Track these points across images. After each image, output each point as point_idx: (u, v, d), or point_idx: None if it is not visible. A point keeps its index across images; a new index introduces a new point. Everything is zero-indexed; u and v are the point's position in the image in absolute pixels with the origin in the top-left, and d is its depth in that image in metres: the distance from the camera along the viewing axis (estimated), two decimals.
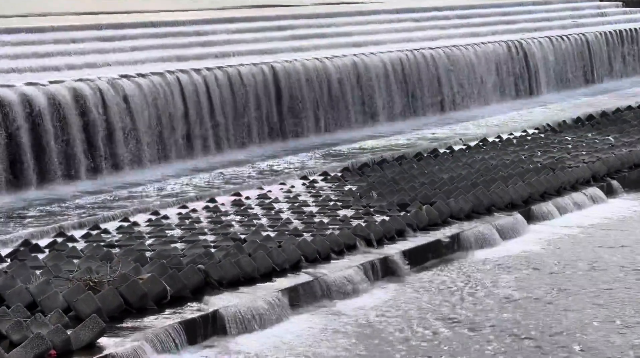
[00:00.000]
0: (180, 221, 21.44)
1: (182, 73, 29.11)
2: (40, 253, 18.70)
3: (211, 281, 17.03)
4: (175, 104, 28.48)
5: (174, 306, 16.01)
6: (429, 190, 23.43)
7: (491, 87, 40.25)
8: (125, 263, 17.23)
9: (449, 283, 18.59)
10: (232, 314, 15.93)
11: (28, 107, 24.91)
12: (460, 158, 28.08)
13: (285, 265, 18.06)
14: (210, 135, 29.37)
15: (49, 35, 30.64)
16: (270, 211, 22.16)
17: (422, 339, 15.63)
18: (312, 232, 19.95)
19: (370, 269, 18.56)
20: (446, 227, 21.23)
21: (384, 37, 39.34)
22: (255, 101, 30.82)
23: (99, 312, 14.98)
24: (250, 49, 33.96)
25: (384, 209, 22.12)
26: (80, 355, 13.92)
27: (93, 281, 16.04)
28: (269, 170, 27.57)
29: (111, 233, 20.40)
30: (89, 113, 26.17)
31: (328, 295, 17.52)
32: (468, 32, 42.90)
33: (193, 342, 15.32)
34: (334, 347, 15.41)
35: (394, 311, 16.99)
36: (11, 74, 27.11)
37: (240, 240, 19.32)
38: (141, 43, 32.26)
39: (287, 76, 31.90)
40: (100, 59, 29.85)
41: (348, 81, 33.95)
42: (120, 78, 27.51)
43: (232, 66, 30.65)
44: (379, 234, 20.02)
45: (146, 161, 27.37)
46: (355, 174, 26.44)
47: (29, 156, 24.67)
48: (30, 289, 15.91)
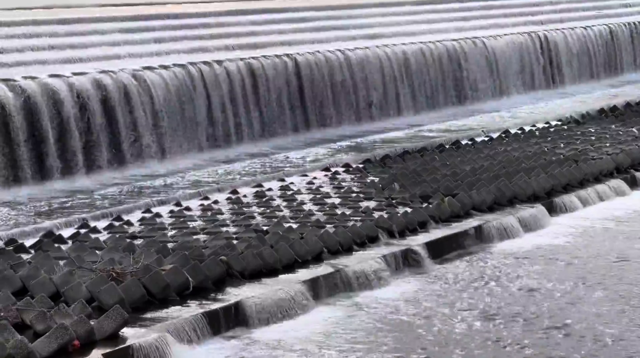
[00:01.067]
0: (203, 212, 21.50)
1: (205, 65, 29.16)
2: (63, 244, 18.80)
3: (233, 273, 17.07)
4: (197, 96, 28.52)
5: (196, 298, 16.06)
6: (451, 182, 23.39)
7: (514, 79, 40.12)
8: (148, 254, 17.29)
9: (471, 274, 18.56)
10: (254, 305, 15.95)
11: (51, 98, 25.00)
12: (482, 149, 28.02)
13: (307, 256, 18.08)
14: (232, 126, 29.41)
15: (73, 27, 30.73)
16: (293, 203, 22.18)
17: (444, 330, 15.62)
18: (334, 223, 19.96)
19: (393, 261, 18.55)
20: (468, 219, 21.19)
21: (406, 28, 39.25)
22: (277, 92, 30.84)
23: (122, 303, 15.05)
24: (273, 41, 33.97)
25: (406, 201, 22.09)
26: (103, 345, 13.98)
27: (116, 272, 16.11)
28: (291, 162, 27.59)
29: (134, 225, 20.47)
30: (111, 105, 26.25)
31: (350, 287, 17.53)
32: (491, 24, 42.75)
33: (215, 333, 15.36)
34: (356, 338, 15.41)
35: (416, 303, 16.97)
36: (35, 65, 27.21)
37: (262, 231, 19.35)
38: (163, 35, 32.32)
39: (309, 67, 31.89)
40: (123, 50, 29.93)
41: (369, 73, 33.90)
42: (142, 70, 27.58)
43: (254, 58, 30.68)
44: (401, 225, 20.01)
45: (168, 152, 27.44)
46: (377, 166, 26.43)
47: (53, 148, 24.77)
48: (53, 280, 16.00)
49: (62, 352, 13.59)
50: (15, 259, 17.37)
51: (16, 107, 24.23)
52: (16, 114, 24.19)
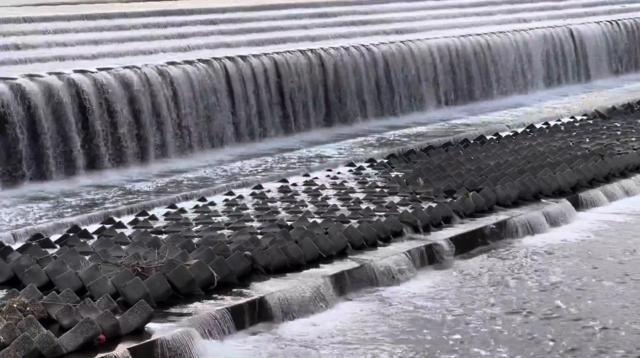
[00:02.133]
0: (227, 207, 21.53)
1: (229, 60, 29.20)
2: (89, 239, 18.88)
3: (258, 268, 17.09)
4: (221, 91, 28.57)
5: (221, 293, 16.09)
6: (476, 177, 23.33)
7: (539, 73, 39.96)
8: (173, 249, 17.33)
9: (496, 270, 18.51)
10: (279, 300, 15.97)
11: (76, 94, 25.11)
12: (507, 144, 27.93)
13: (331, 251, 18.08)
14: (256, 122, 29.44)
15: (98, 23, 30.83)
16: (317, 198, 22.18)
17: (468, 325, 15.59)
18: (358, 219, 19.95)
19: (417, 255, 18.52)
20: (493, 214, 21.13)
21: (431, 23, 39.18)
22: (301, 87, 30.84)
23: (147, 298, 15.10)
24: (297, 36, 33.98)
25: (430, 196, 22.06)
26: (128, 340, 14.03)
27: (141, 267, 16.16)
28: (316, 157, 27.59)
29: (158, 220, 20.53)
30: (136, 100, 26.33)
31: (374, 282, 17.52)
32: (516, 18, 42.60)
33: (240, 327, 15.38)
34: (380, 333, 15.41)
35: (440, 298, 16.94)
36: (60, 61, 27.32)
37: (286, 226, 19.36)
38: (188, 30, 32.39)
39: (333, 62, 31.87)
40: (148, 46, 30.01)
41: (394, 68, 33.86)
42: (167, 65, 27.64)
43: (279, 53, 30.68)
44: (426, 220, 19.98)
45: (193, 147, 27.50)
46: (402, 161, 26.40)
47: (78, 143, 24.87)
48: (79, 274, 16.07)
49: (88, 346, 13.65)
50: (41, 254, 17.47)
51: (42, 103, 24.33)
52: (42, 109, 24.29)
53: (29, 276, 16.30)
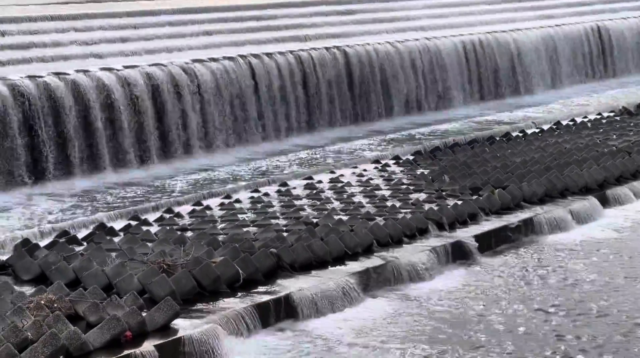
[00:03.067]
0: (253, 205, 21.56)
1: (254, 57, 29.22)
2: (115, 236, 18.95)
3: (283, 265, 17.10)
4: (246, 89, 28.60)
5: (247, 290, 16.11)
6: (502, 174, 23.26)
7: (566, 70, 39.78)
8: (198, 246, 17.37)
9: (522, 267, 18.44)
10: (304, 297, 15.98)
11: (103, 91, 25.20)
12: (533, 141, 27.83)
13: (357, 248, 18.07)
14: (281, 119, 29.46)
15: (124, 21, 30.94)
16: (343, 195, 22.17)
17: (494, 322, 15.54)
18: (384, 216, 19.93)
19: (442, 253, 18.49)
20: (519, 211, 21.06)
21: (456, 20, 39.08)
22: (326, 84, 30.84)
23: (173, 295, 15.14)
24: (322, 33, 33.97)
25: (456, 193, 22.01)
26: (154, 336, 14.08)
27: (167, 264, 16.20)
28: (341, 154, 27.59)
29: (184, 217, 20.58)
30: (162, 98, 26.40)
31: (400, 279, 17.50)
32: (542, 15, 42.42)
33: (265, 325, 15.40)
34: (406, 330, 15.39)
35: (465, 295, 16.90)
36: (86, 58, 27.43)
37: (312, 223, 19.37)
38: (213, 27, 32.44)
39: (358, 59, 31.86)
40: (173, 43, 30.08)
41: (420, 65, 33.80)
42: (192, 62, 27.70)
43: (304, 50, 30.68)
44: (451, 218, 19.94)
45: (218, 145, 27.55)
46: (427, 158, 26.35)
47: (104, 141, 24.96)
48: (106, 271, 16.14)
49: (115, 342, 13.71)
50: (68, 251, 17.55)
51: (69, 100, 24.43)
52: (67, 107, 24.39)
53: (56, 273, 16.39)
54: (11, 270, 17.17)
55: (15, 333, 13.23)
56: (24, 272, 16.92)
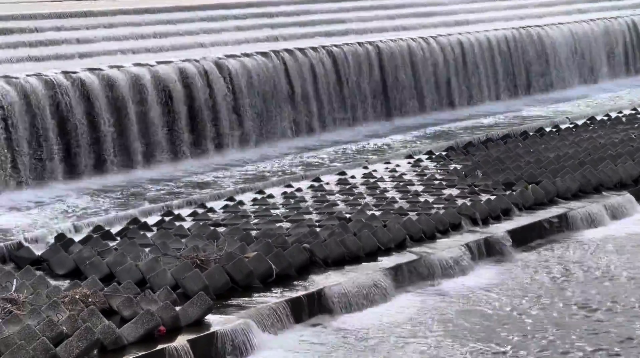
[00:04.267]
0: (285, 200, 21.57)
1: (287, 53, 29.23)
2: (148, 231, 19.02)
3: (316, 260, 17.11)
4: (280, 84, 28.62)
5: (280, 285, 16.12)
6: (535, 169, 23.16)
7: (600, 65, 39.51)
8: (231, 241, 17.41)
9: (555, 262, 18.35)
10: (337, 293, 15.97)
11: (135, 87, 25.28)
12: (567, 136, 27.68)
13: (390, 244, 18.05)
14: (314, 114, 29.45)
15: (156, 16, 31.02)
16: (375, 190, 22.15)
17: (527, 318, 15.47)
18: (417, 211, 19.89)
19: (476, 248, 18.43)
20: (553, 206, 20.96)
21: (489, 15, 38.90)
22: (359, 80, 30.80)
23: (206, 290, 15.17)
24: (355, 28, 33.92)
25: (489, 188, 21.93)
26: (188, 331, 14.12)
27: (200, 260, 16.24)
28: (374, 149, 27.55)
29: (217, 212, 20.63)
30: (195, 93, 26.46)
31: (433, 274, 17.46)
32: (575, 9, 42.16)
33: (298, 320, 15.41)
34: (438, 325, 15.35)
35: (499, 291, 16.83)
36: (120, 54, 27.54)
37: (345, 219, 19.35)
38: (246, 23, 32.47)
39: (391, 55, 31.80)
40: (206, 39, 30.13)
41: (453, 60, 33.69)
42: (225, 58, 27.73)
43: (336, 46, 30.65)
44: (485, 213, 19.87)
45: (251, 140, 27.58)
46: (460, 153, 26.27)
47: (137, 137, 25.05)
48: (139, 266, 16.21)
49: (149, 337, 13.76)
50: (102, 246, 17.64)
51: (101, 96, 24.54)
52: (100, 102, 24.49)
53: (91, 268, 16.48)
54: (46, 265, 17.28)
55: (50, 327, 13.31)
56: (58, 267, 17.03)
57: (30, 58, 26.00)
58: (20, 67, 24.97)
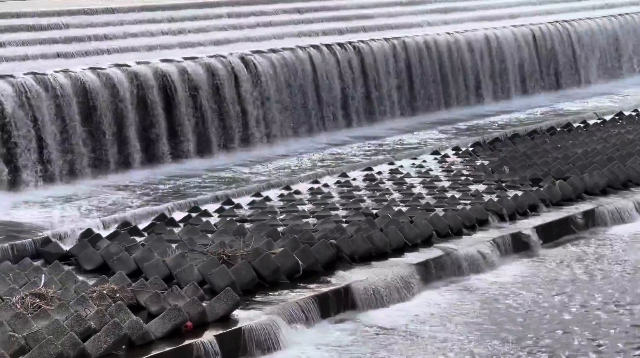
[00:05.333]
0: (312, 196, 21.58)
1: (314, 48, 29.22)
2: (175, 227, 19.07)
3: (343, 256, 17.11)
4: (306, 80, 28.61)
5: (306, 281, 16.14)
6: (563, 165, 23.07)
7: (628, 60, 39.26)
8: (258, 237, 17.44)
9: (583, 259, 18.28)
10: (364, 289, 15.98)
11: (162, 83, 25.34)
12: (594, 132, 27.54)
13: (417, 239, 18.03)
14: (340, 110, 29.45)
15: (184, 12, 31.08)
16: (402, 186, 22.13)
17: (555, 315, 15.43)
18: (443, 207, 19.87)
19: (502, 244, 18.39)
20: (580, 202, 20.88)
21: (515, 10, 38.72)
22: (386, 75, 30.76)
23: (233, 286, 15.21)
24: (381, 24, 33.86)
25: (516, 184, 21.88)
26: (215, 327, 14.17)
27: (227, 255, 16.28)
28: (400, 145, 27.51)
29: (244, 208, 20.66)
30: (221, 89, 26.50)
31: (459, 270, 17.44)
32: (605, 4, 41.90)
33: (325, 316, 15.42)
34: (465, 321, 15.33)
35: (526, 287, 16.79)
36: (147, 50, 27.60)
37: (372, 214, 19.35)
38: (273, 19, 32.48)
39: (418, 50, 31.73)
40: (233, 34, 30.17)
41: (479, 56, 33.59)
42: (252, 54, 27.76)
43: (363, 41, 30.63)
44: (512, 209, 19.82)
45: (277, 135, 27.60)
46: (487, 149, 26.20)
47: (164, 132, 25.12)
48: (166, 262, 16.26)
49: (176, 332, 13.81)
50: (130, 241, 17.71)
51: (128, 93, 24.61)
52: (129, 99, 24.57)
53: (118, 264, 16.55)
54: (74, 260, 17.38)
55: (78, 322, 13.40)
56: (86, 262, 17.12)
57: (58, 54, 26.12)
58: (49, 63, 25.08)
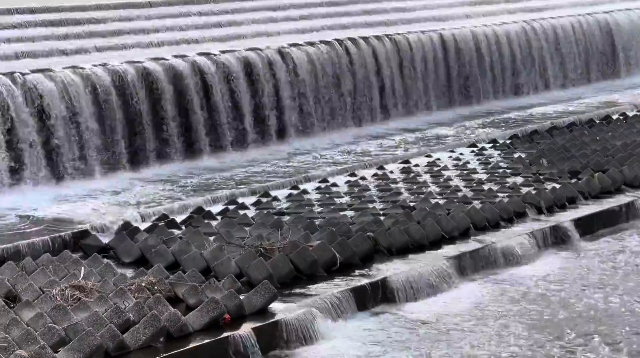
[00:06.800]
0: (349, 188, 21.58)
1: (350, 41, 29.19)
2: (213, 220, 19.14)
3: (380, 249, 17.11)
4: (343, 73, 28.59)
5: (343, 274, 16.15)
6: (601, 157, 22.91)
7: None
8: (295, 230, 17.46)
9: (622, 252, 18.15)
10: (401, 281, 15.96)
11: (199, 76, 25.41)
12: (634, 124, 27.35)
13: (454, 232, 17.99)
14: (377, 102, 29.41)
15: (220, 6, 31.14)
16: (439, 179, 22.08)
17: (595, 309, 15.33)
18: (481, 199, 19.80)
19: (540, 237, 18.30)
20: (620, 195, 20.73)
21: (556, 1, 38.49)
22: (423, 68, 30.69)
23: (270, 278, 15.25)
24: (418, 16, 33.78)
25: (554, 177, 21.76)
26: (252, 319, 14.20)
27: (264, 248, 16.32)
28: (438, 137, 27.44)
29: (281, 201, 20.70)
30: (258, 82, 26.53)
31: (497, 263, 17.38)
32: None
33: (362, 308, 15.42)
34: (503, 315, 15.27)
35: (565, 281, 16.71)
36: (184, 44, 27.69)
37: (409, 207, 19.33)
38: (310, 12, 32.48)
39: (455, 43, 31.62)
40: (270, 28, 30.20)
41: (518, 47, 33.42)
42: (288, 47, 27.77)
43: (400, 34, 30.56)
44: (550, 202, 19.72)
45: (314, 128, 27.61)
46: (525, 142, 26.08)
47: (201, 126, 25.19)
48: (204, 255, 16.33)
49: (214, 325, 13.87)
50: (167, 234, 17.79)
51: (167, 86, 24.70)
52: (166, 92, 24.66)
53: (156, 256, 16.64)
54: (113, 253, 17.50)
55: (117, 314, 13.49)
56: (125, 255, 17.23)
57: (96, 48, 26.26)
58: (87, 57, 25.22)
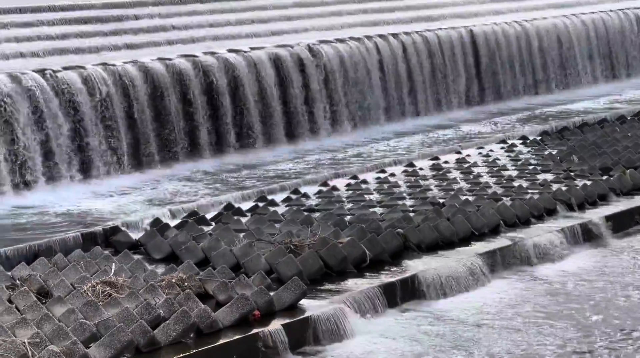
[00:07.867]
0: (379, 185, 21.58)
1: (380, 38, 29.17)
2: (242, 217, 19.18)
3: (410, 246, 17.09)
4: (373, 69, 28.59)
5: (373, 270, 16.15)
6: (633, 154, 22.78)
7: None
8: (325, 227, 17.47)
9: None
10: (431, 278, 15.94)
11: (230, 73, 25.48)
12: None
13: (484, 229, 17.94)
14: (407, 99, 29.39)
15: (250, 3, 31.23)
16: (469, 175, 22.03)
17: (627, 306, 15.25)
18: (511, 196, 19.74)
19: (571, 234, 18.22)
20: None
21: None
22: (453, 65, 30.63)
23: (300, 275, 15.27)
24: (449, 13, 33.73)
25: (585, 173, 21.66)
26: (282, 316, 14.22)
27: (294, 245, 16.33)
28: (467, 134, 27.38)
29: (311, 197, 20.72)
30: (287, 78, 26.57)
31: (527, 260, 17.32)
32: None
33: (392, 305, 15.41)
34: (533, 311, 15.22)
35: (595, 278, 16.62)
36: (214, 41, 27.79)
37: (438, 204, 19.29)
38: (340, 8, 32.50)
39: (485, 39, 31.54)
40: (299, 24, 30.24)
41: (548, 44, 33.29)
42: (318, 43, 27.79)
43: (430, 30, 30.51)
44: (580, 198, 19.62)
45: (344, 125, 27.62)
46: (555, 138, 25.98)
47: (230, 122, 25.27)
48: (234, 251, 16.37)
49: (244, 321, 13.90)
50: (197, 231, 17.85)
51: (196, 83, 24.79)
52: (196, 89, 24.75)
53: (186, 253, 16.70)
54: (143, 249, 17.58)
55: (148, 310, 13.55)
56: (155, 251, 17.30)
57: (126, 45, 26.40)
58: (117, 54, 25.36)
